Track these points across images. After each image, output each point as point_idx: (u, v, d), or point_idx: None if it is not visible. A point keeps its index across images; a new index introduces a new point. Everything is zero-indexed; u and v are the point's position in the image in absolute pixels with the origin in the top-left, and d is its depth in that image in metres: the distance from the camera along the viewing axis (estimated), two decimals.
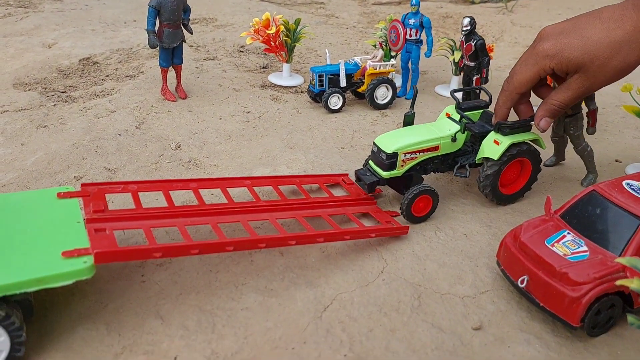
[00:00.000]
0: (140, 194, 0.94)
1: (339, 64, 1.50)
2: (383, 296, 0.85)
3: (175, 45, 1.47)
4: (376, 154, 1.02)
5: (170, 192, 0.95)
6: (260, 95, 1.60)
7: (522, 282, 0.81)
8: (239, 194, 1.05)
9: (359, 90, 1.55)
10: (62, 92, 1.56)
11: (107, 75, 1.70)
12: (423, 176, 1.06)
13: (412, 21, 1.54)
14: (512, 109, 1.04)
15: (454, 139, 1.02)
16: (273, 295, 0.85)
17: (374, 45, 1.70)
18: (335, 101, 1.47)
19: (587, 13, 0.92)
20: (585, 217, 0.86)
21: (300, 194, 1.05)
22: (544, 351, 0.77)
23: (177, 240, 0.94)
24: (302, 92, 1.65)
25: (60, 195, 0.85)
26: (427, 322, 0.81)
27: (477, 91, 1.41)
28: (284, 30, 1.61)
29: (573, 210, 0.88)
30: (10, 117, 1.34)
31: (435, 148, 1.02)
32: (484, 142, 1.03)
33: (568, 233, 0.84)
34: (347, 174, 1.13)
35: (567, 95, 0.93)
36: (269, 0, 2.86)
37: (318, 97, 1.51)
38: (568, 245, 0.82)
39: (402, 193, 1.03)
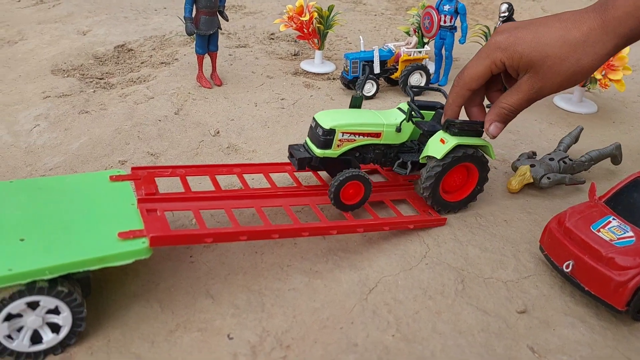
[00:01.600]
0: (187, 177, 0.96)
1: (373, 50, 1.50)
2: (427, 280, 0.86)
3: (211, 32, 1.48)
4: (313, 129, 0.95)
5: (215, 176, 0.97)
6: (293, 82, 1.61)
7: (567, 267, 0.82)
8: (280, 179, 1.07)
9: (392, 76, 1.55)
10: (100, 79, 1.59)
11: (142, 62, 1.73)
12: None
13: (446, 7, 1.53)
14: (464, 111, 0.94)
15: (398, 129, 0.96)
16: (318, 277, 0.87)
17: (407, 32, 1.69)
18: (369, 87, 1.48)
19: (551, 14, 0.85)
20: (630, 203, 0.86)
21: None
22: (588, 334, 0.78)
23: (223, 222, 0.97)
24: (334, 78, 1.66)
25: (113, 178, 0.88)
26: (471, 305, 0.82)
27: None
28: (317, 17, 1.62)
29: (618, 197, 0.88)
30: (52, 103, 1.37)
31: (377, 135, 0.96)
32: (430, 140, 0.95)
33: (613, 219, 0.84)
34: None
35: (517, 98, 0.84)
36: None
37: (351, 83, 1.52)
38: (614, 231, 0.82)
39: None
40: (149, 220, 0.78)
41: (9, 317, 0.68)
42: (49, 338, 0.71)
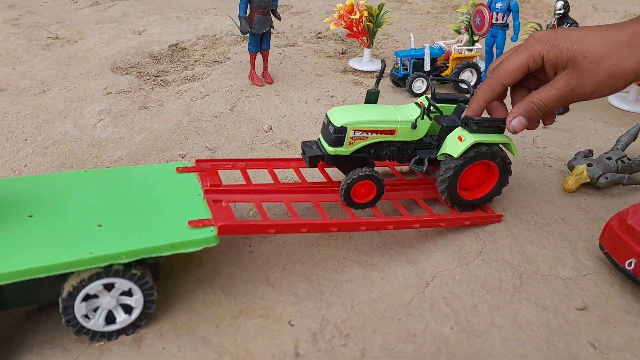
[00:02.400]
0: (246, 170, 0.99)
1: (424, 48, 1.51)
2: (484, 275, 0.86)
3: (264, 31, 1.52)
4: (326, 126, 0.91)
5: (274, 170, 1.00)
6: (342, 80, 1.63)
7: (629, 264, 0.81)
8: (334, 173, 1.09)
9: (443, 74, 1.55)
10: (156, 76, 1.65)
11: (195, 61, 1.78)
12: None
13: (499, 5, 1.52)
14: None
15: (414, 126, 0.91)
16: (375, 270, 0.88)
17: (457, 30, 1.69)
18: (419, 85, 1.48)
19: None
20: None
21: (393, 175, 1.08)
22: None
23: (278, 214, 1.00)
24: (383, 76, 1.67)
25: (179, 170, 0.92)
26: (530, 301, 0.82)
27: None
28: (367, 15, 1.64)
29: None
30: (114, 99, 1.43)
31: (392, 132, 0.91)
32: (448, 137, 0.91)
33: None
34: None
35: (549, 93, 0.79)
36: None
37: (401, 81, 1.53)
38: None
39: None
40: (215, 210, 0.81)
41: (86, 298, 0.73)
42: (121, 319, 0.75)
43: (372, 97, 0.99)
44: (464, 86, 0.98)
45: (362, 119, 0.90)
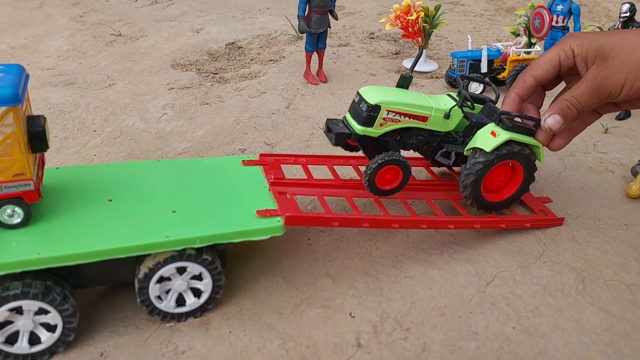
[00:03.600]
0: (307, 166, 1.02)
1: (481, 49, 1.50)
2: (545, 277, 0.86)
3: (321, 30, 1.55)
4: (356, 104, 0.87)
5: (333, 166, 1.02)
6: (396, 80, 1.64)
7: None
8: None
9: (499, 76, 1.54)
10: (215, 74, 1.70)
11: (251, 59, 1.83)
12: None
13: (560, 7, 1.50)
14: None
15: (447, 115, 0.88)
16: (434, 267, 0.89)
17: (514, 33, 1.67)
18: (475, 86, 1.47)
19: None
20: None
21: (451, 176, 1.08)
22: None
23: (336, 209, 1.01)
24: (437, 77, 1.67)
25: (245, 163, 0.95)
26: (593, 305, 0.81)
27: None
28: (423, 16, 1.64)
29: None
30: (176, 94, 1.49)
31: (424, 118, 0.88)
32: (479, 131, 0.88)
33: None
34: None
35: (580, 89, 0.76)
36: None
37: (456, 82, 1.52)
38: None
39: None
40: (281, 201, 0.84)
41: (160, 280, 0.76)
42: (191, 302, 0.79)
43: (404, 82, 0.93)
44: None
45: (398, 100, 0.86)
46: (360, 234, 0.98)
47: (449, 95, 0.93)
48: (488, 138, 0.86)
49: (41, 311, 0.71)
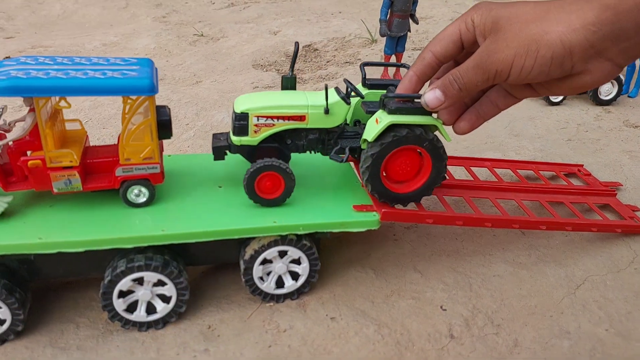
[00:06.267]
0: None
1: None
2: (638, 284, 0.86)
3: (401, 34, 1.58)
4: (232, 115, 0.82)
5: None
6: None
7: None
8: (477, 172, 1.12)
9: None
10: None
11: (327, 61, 1.88)
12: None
13: None
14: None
15: (326, 111, 0.81)
16: (523, 268, 0.90)
17: None
18: (607, 88, 1.47)
19: None
20: None
21: (538, 179, 1.09)
22: None
23: (425, 205, 1.04)
24: None
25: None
26: None
27: None
28: None
29: None
30: None
31: (301, 118, 0.81)
32: (368, 121, 0.80)
33: None
34: (582, 165, 1.14)
35: (465, 65, 0.66)
36: None
37: None
38: None
39: None
40: (375, 198, 0.87)
41: (263, 262, 0.82)
42: (289, 284, 0.84)
43: (288, 83, 0.88)
44: None
45: (265, 104, 0.81)
46: (446, 233, 1.00)
47: (336, 88, 0.85)
48: (372, 126, 0.78)
49: (159, 283, 0.77)
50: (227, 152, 0.85)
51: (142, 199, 0.79)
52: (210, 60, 1.89)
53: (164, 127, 0.78)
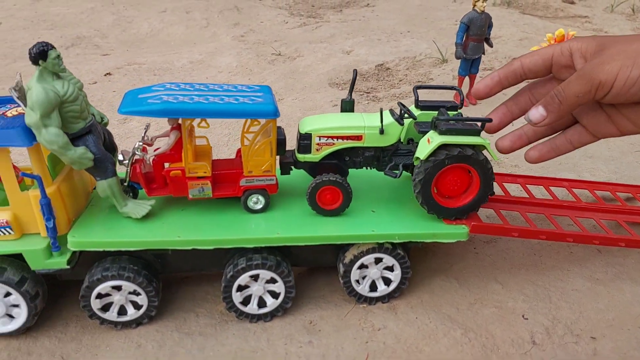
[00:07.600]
0: None
1: None
2: None
3: (476, 57, 1.65)
4: (297, 134, 0.93)
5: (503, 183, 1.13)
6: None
7: None
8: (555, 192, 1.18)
9: None
10: (367, 93, 1.86)
11: (399, 80, 1.98)
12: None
13: None
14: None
15: (381, 131, 0.90)
16: (600, 284, 0.96)
17: None
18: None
19: None
20: None
21: (614, 200, 1.14)
22: None
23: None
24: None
25: None
26: None
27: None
28: None
29: None
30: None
31: (358, 137, 0.91)
32: (420, 140, 0.88)
33: None
34: None
35: (567, 80, 0.68)
36: (531, 14, 2.90)
37: None
38: None
39: None
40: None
41: (360, 266, 0.91)
42: (381, 288, 0.93)
43: (347, 106, 0.97)
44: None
45: (326, 126, 0.91)
46: (524, 248, 1.07)
47: (390, 111, 0.94)
48: (424, 145, 0.86)
49: (271, 280, 0.89)
50: (293, 167, 0.96)
51: (259, 206, 0.91)
52: (289, 78, 2.02)
53: (280, 145, 0.90)
